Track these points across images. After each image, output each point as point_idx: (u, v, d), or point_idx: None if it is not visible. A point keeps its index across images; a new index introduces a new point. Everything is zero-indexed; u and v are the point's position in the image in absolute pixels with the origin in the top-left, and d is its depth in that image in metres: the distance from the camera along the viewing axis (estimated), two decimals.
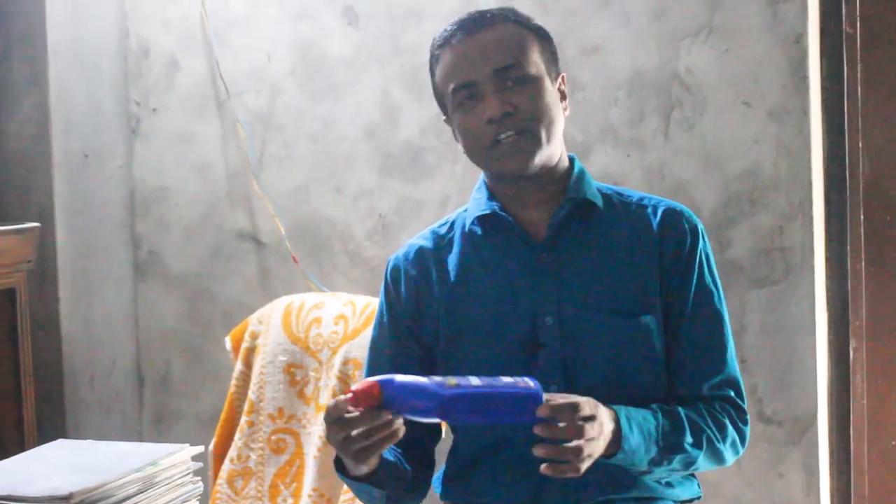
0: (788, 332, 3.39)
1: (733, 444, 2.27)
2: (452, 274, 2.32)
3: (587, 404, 1.95)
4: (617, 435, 2.04)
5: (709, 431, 2.21)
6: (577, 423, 1.91)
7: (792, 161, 3.35)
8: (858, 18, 3.22)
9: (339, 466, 2.16)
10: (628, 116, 3.47)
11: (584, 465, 1.94)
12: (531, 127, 2.18)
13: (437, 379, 1.91)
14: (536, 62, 2.22)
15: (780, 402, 3.42)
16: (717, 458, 2.25)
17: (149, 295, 4.00)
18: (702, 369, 2.28)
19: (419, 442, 2.33)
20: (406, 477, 2.27)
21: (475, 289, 2.29)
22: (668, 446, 2.15)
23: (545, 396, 1.90)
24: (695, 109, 3.42)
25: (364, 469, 2.06)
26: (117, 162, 3.90)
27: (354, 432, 1.92)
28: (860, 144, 3.23)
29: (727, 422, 2.26)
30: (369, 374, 2.38)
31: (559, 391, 2.15)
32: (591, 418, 1.94)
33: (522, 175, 2.22)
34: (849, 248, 3.29)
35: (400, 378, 1.92)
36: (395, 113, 3.66)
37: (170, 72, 3.91)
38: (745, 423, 2.31)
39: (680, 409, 2.21)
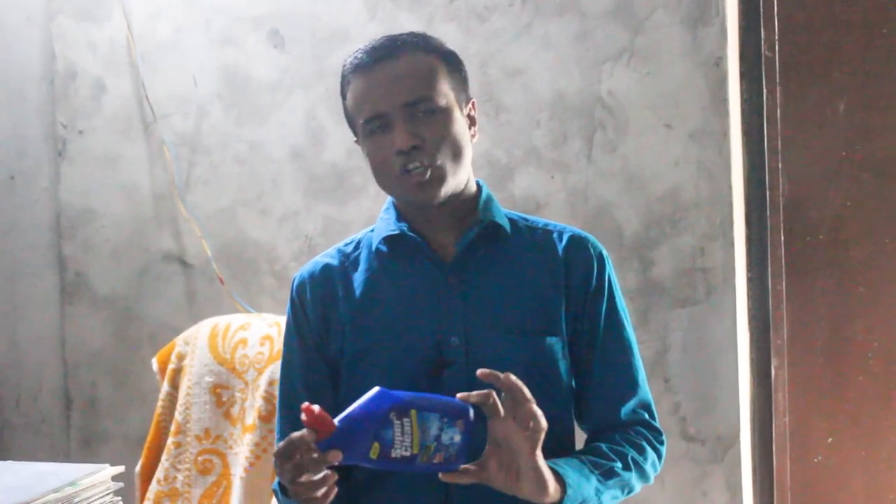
0: (711, 351, 3.42)
1: (653, 463, 2.31)
2: (358, 291, 2.31)
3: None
4: (557, 480, 2.04)
5: (633, 453, 2.25)
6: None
7: (713, 182, 3.39)
8: (777, 42, 3.27)
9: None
10: (551, 138, 3.49)
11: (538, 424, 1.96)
12: (438, 159, 2.18)
13: None
14: (446, 93, 2.21)
15: (703, 421, 3.44)
16: (644, 478, 2.29)
17: (75, 317, 3.98)
18: (617, 395, 2.32)
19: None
20: None
21: (381, 307, 2.29)
22: (604, 473, 2.17)
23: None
24: (617, 132, 3.45)
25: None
26: (43, 184, 3.89)
27: (303, 478, 1.89)
28: (779, 166, 3.27)
29: (645, 444, 2.29)
30: (283, 392, 2.39)
31: None
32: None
33: (429, 205, 2.24)
34: (769, 268, 3.32)
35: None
36: (321, 135, 3.67)
37: (96, 94, 3.91)
38: (661, 442, 2.35)
39: (601, 444, 2.24)
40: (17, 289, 3.77)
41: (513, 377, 1.94)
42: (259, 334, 3.22)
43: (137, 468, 3.30)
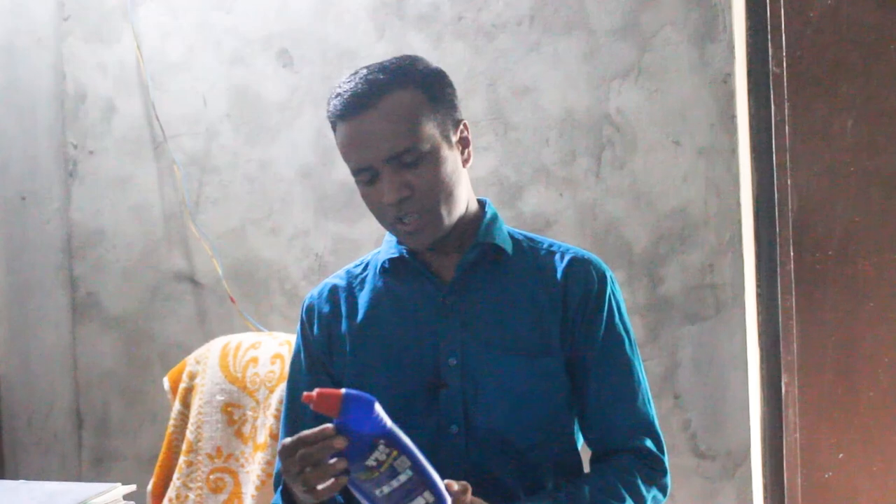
0: (721, 367, 3.42)
1: (654, 498, 2.27)
2: (361, 313, 2.32)
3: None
4: None
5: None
6: None
7: (721, 199, 3.39)
8: (784, 59, 3.27)
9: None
10: (560, 156, 3.50)
11: None
12: (430, 206, 2.16)
13: None
14: (430, 134, 2.16)
15: (713, 437, 3.44)
16: None
17: (87, 336, 3.99)
18: (616, 419, 2.29)
19: None
20: None
21: (381, 328, 2.30)
22: None
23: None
24: (625, 149, 3.45)
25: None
26: (54, 204, 3.91)
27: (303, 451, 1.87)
28: (788, 182, 3.27)
29: (641, 483, 2.24)
30: (288, 413, 2.40)
31: (459, 431, 2.20)
32: None
33: (424, 249, 2.25)
34: (779, 283, 3.31)
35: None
36: (330, 154, 3.67)
37: (106, 115, 3.93)
38: (664, 473, 2.30)
39: (585, 489, 2.20)
40: (29, 308, 3.78)
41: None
42: (270, 353, 3.23)
43: (149, 487, 3.30)
